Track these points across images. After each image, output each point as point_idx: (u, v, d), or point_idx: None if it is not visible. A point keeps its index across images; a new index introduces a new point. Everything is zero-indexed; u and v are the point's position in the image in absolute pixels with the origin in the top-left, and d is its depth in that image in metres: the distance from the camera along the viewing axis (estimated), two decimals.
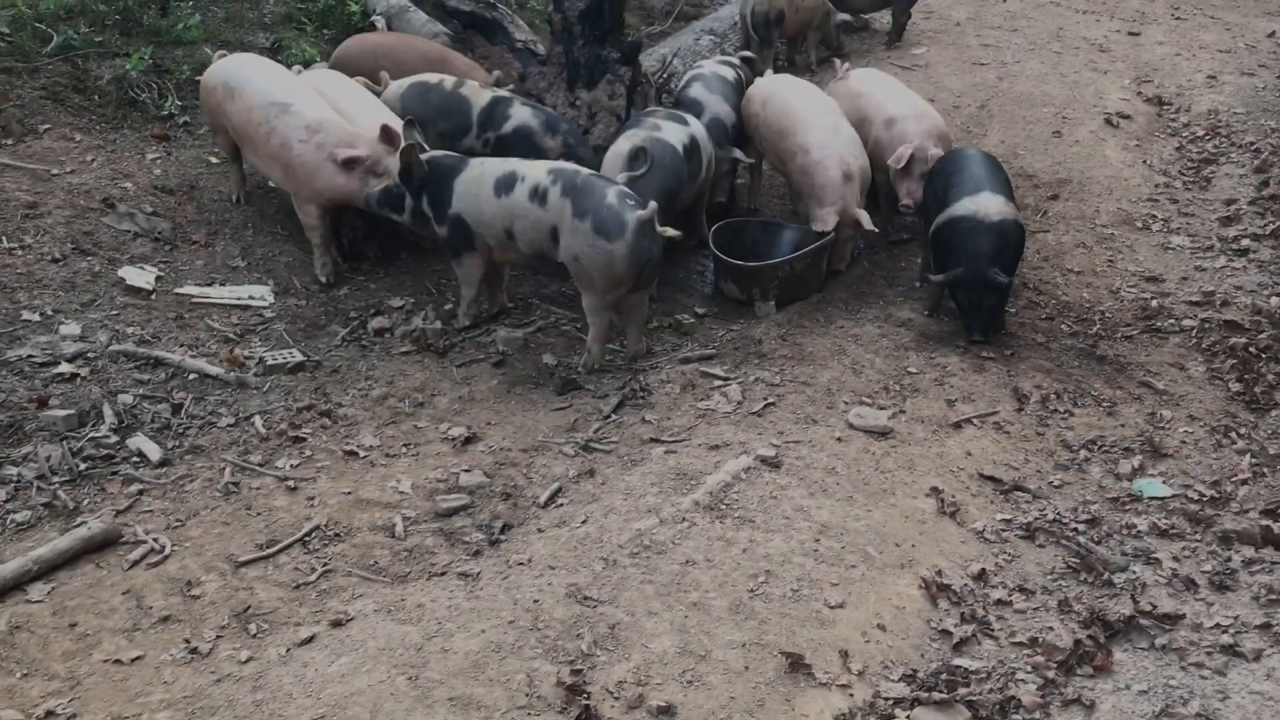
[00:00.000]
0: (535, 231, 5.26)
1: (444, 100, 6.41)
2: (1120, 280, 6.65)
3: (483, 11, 7.56)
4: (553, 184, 5.20)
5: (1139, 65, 10.07)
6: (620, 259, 5.10)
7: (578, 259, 5.15)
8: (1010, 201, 5.81)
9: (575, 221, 5.12)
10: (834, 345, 5.65)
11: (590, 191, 5.15)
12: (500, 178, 5.33)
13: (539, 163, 5.40)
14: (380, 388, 5.12)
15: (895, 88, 6.96)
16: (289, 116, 5.75)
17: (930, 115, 6.61)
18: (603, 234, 5.07)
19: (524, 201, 5.24)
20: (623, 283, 5.22)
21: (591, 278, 5.18)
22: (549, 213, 5.19)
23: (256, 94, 5.84)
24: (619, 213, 5.09)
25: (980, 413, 5.13)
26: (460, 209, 5.39)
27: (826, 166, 6.23)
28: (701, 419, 4.94)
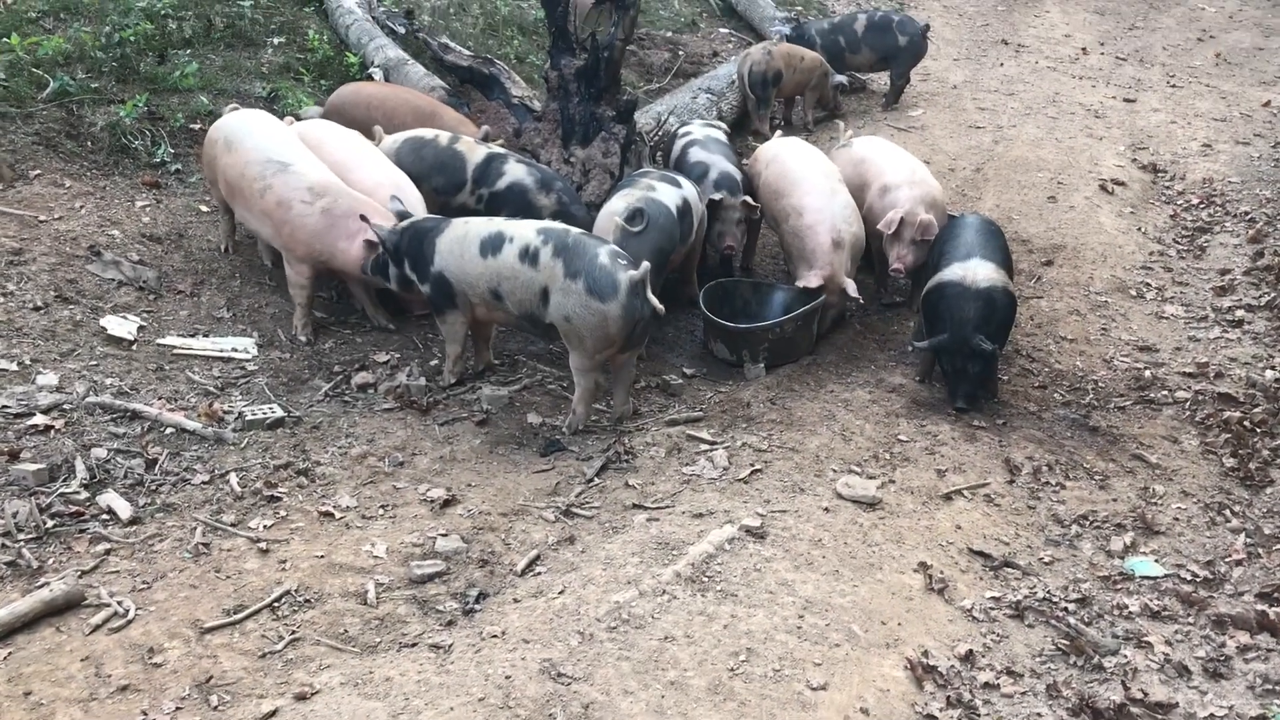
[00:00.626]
0: (525, 292, 5.17)
1: (438, 156, 6.35)
2: (1114, 349, 6.57)
3: (480, 66, 7.54)
4: (543, 244, 5.12)
5: (1134, 132, 10.07)
6: (613, 319, 5.02)
7: (569, 319, 5.06)
8: (1002, 269, 5.73)
9: (567, 282, 5.03)
10: (824, 410, 5.54)
11: (582, 251, 5.08)
12: (486, 238, 5.23)
13: (527, 222, 5.32)
14: (360, 446, 5.00)
15: (896, 154, 6.91)
16: (288, 176, 5.68)
17: (925, 182, 6.55)
18: (596, 294, 4.99)
19: (513, 262, 5.15)
20: (614, 343, 5.13)
21: (582, 338, 5.09)
22: (540, 273, 5.10)
23: (254, 150, 5.78)
24: (612, 273, 5.02)
25: (971, 484, 5.02)
26: (442, 267, 5.31)
27: (818, 231, 6.18)
28: (686, 485, 4.82)
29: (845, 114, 10.21)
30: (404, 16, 9.20)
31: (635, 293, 5.02)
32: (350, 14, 8.78)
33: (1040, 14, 14.11)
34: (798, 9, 12.78)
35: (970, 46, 12.65)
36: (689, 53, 11.50)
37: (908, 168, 6.66)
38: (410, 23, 9.13)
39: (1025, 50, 12.65)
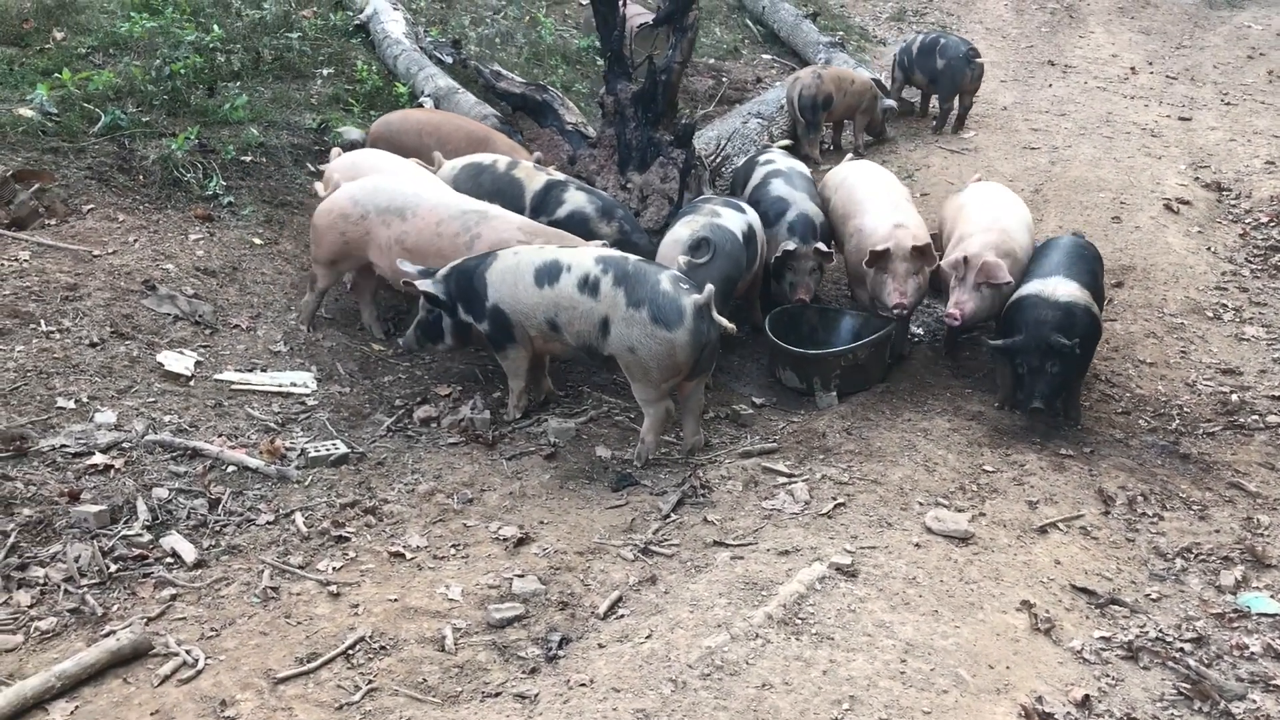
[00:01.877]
0: (584, 323, 4.98)
1: (496, 182, 6.18)
2: (1195, 373, 6.29)
3: (533, 94, 7.38)
4: (603, 273, 4.92)
5: (1193, 150, 9.79)
6: (681, 347, 4.82)
7: (634, 350, 4.86)
8: (1087, 290, 5.47)
9: (631, 311, 4.83)
10: (903, 440, 5.30)
11: (644, 279, 4.88)
12: (542, 267, 5.04)
13: (583, 250, 5.12)
14: (427, 482, 4.79)
15: (998, 205, 6.33)
16: (496, 222, 5.55)
17: (997, 229, 6.01)
18: (662, 322, 4.79)
19: (572, 292, 4.95)
20: (681, 371, 4.93)
21: (648, 368, 4.89)
22: (601, 303, 4.90)
23: (441, 206, 5.61)
24: (676, 299, 4.82)
25: (1065, 516, 4.76)
26: (497, 299, 5.12)
27: (876, 227, 5.98)
28: (767, 520, 4.58)
29: (894, 138, 10.00)
30: (451, 46, 9.09)
31: (701, 317, 4.83)
32: (398, 44, 8.68)
33: (1085, 35, 13.86)
34: (840, 34, 12.60)
35: (1017, 68, 12.41)
36: (733, 79, 11.34)
37: (987, 218, 6.16)
38: (458, 52, 9.01)
39: (1073, 71, 12.39)
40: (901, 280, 5.78)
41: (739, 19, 12.75)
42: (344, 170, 6.15)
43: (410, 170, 6.06)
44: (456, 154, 6.45)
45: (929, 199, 8.53)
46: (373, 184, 5.73)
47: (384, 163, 6.13)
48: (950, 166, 9.21)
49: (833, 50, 11.47)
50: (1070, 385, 5.58)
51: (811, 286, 6.18)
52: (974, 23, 14.04)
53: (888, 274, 5.80)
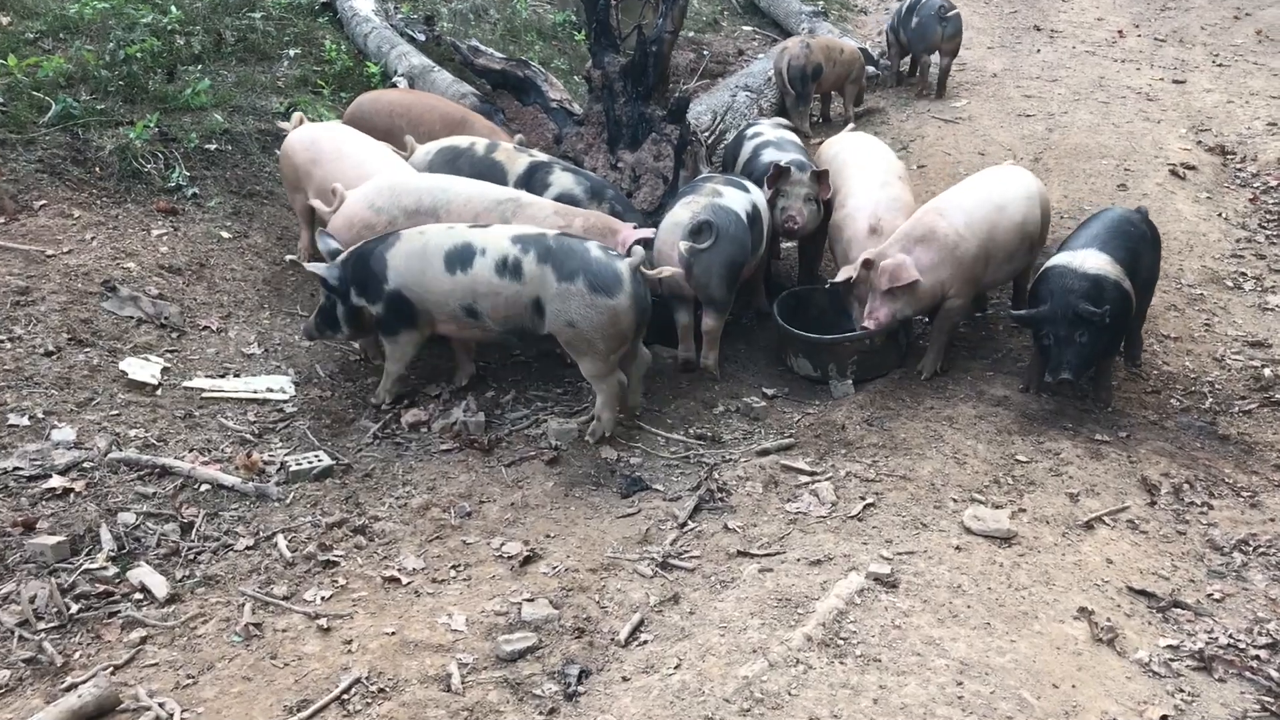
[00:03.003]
0: (511, 307, 4.62)
1: (475, 166, 5.71)
2: (1223, 346, 5.92)
3: (514, 70, 6.90)
4: (524, 253, 4.57)
5: (1192, 114, 9.42)
6: (624, 312, 4.56)
7: (574, 324, 4.54)
8: (1119, 265, 5.06)
9: (565, 285, 4.51)
10: (928, 430, 4.90)
11: (571, 252, 4.57)
12: (452, 251, 4.63)
13: (496, 230, 4.72)
14: (421, 495, 4.35)
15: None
16: (532, 209, 5.14)
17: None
18: (601, 290, 4.51)
19: (490, 276, 4.58)
20: (626, 338, 4.65)
21: (591, 340, 4.57)
22: (527, 285, 4.56)
23: (474, 198, 5.16)
24: (611, 265, 4.56)
25: (1110, 509, 4.37)
26: (400, 284, 4.70)
27: (856, 219, 5.59)
28: (793, 525, 4.18)
29: (884, 109, 9.58)
30: (424, 23, 8.58)
31: (637, 280, 4.60)
32: (367, 22, 8.16)
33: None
34: (821, 2, 12.15)
35: (1003, 34, 12.00)
36: (714, 52, 10.89)
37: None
38: (431, 29, 8.51)
39: (1060, 35, 11.99)
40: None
41: None
42: (303, 145, 5.67)
43: (374, 147, 5.60)
44: (430, 137, 5.97)
45: (926, 171, 8.13)
46: (389, 185, 5.24)
47: (346, 139, 5.65)
48: (945, 137, 8.80)
49: (815, 19, 11.05)
50: (1100, 362, 5.20)
51: (805, 215, 5.78)
52: None
53: (854, 298, 5.46)
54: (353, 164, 5.47)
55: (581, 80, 8.12)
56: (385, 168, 5.46)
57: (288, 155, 5.73)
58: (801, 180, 5.77)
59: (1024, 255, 5.71)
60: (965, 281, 5.35)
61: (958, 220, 5.29)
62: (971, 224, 5.30)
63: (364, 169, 5.41)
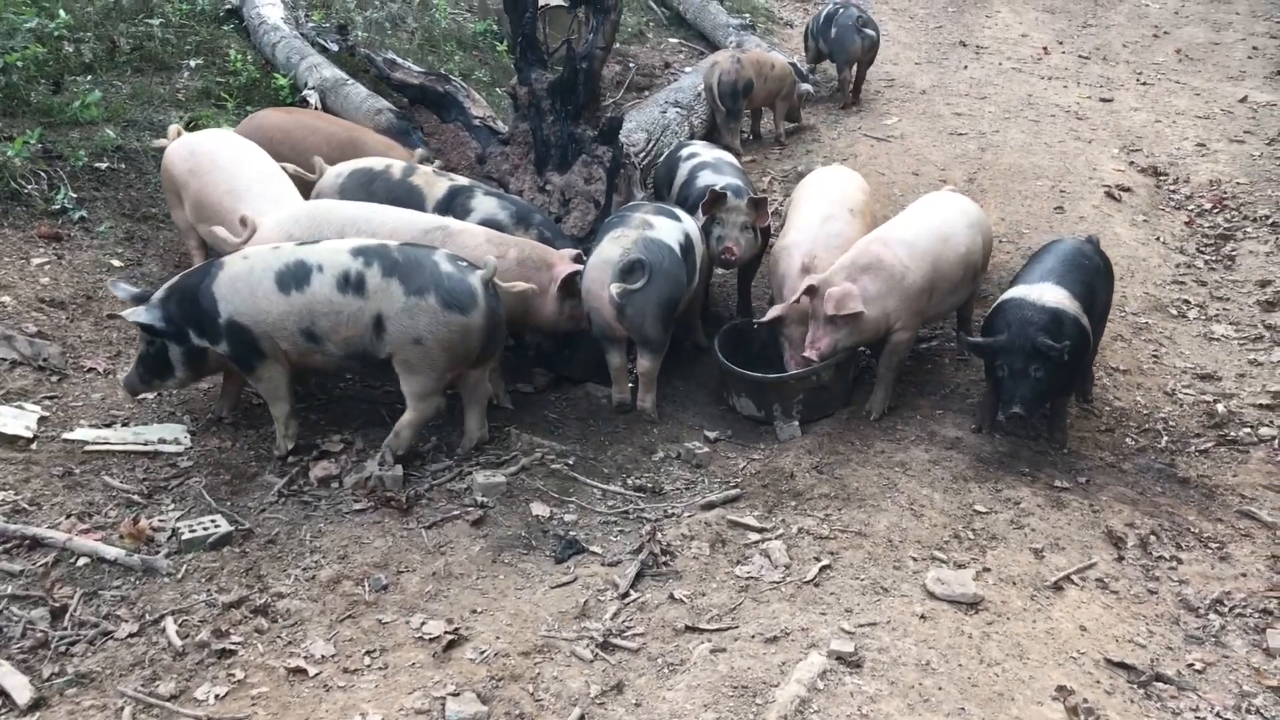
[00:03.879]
0: (353, 327, 4.22)
1: (391, 191, 5.24)
2: (1173, 379, 5.69)
3: (433, 85, 6.42)
4: (366, 266, 4.18)
5: (1122, 133, 9.28)
6: (476, 329, 4.24)
7: (420, 341, 4.18)
8: (1078, 301, 4.78)
9: (414, 300, 4.15)
10: (881, 478, 4.55)
11: (420, 263, 4.21)
12: (284, 270, 4.21)
13: (332, 244, 4.31)
14: (331, 564, 3.87)
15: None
16: (463, 236, 4.79)
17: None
18: (455, 306, 4.18)
19: (330, 294, 4.18)
20: (471, 356, 4.33)
21: (435, 358, 4.23)
22: (371, 300, 4.17)
23: (399, 223, 4.77)
24: (464, 279, 4.23)
25: (1077, 567, 4.06)
26: (232, 312, 4.25)
27: (791, 254, 5.25)
28: (745, 592, 3.79)
29: (815, 126, 9.28)
30: (337, 32, 8.04)
31: (491, 294, 4.27)
32: (276, 31, 7.60)
33: (991, 14, 13.33)
34: (746, 15, 11.84)
35: (929, 49, 11.80)
36: (640, 65, 10.50)
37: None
38: (345, 39, 7.97)
39: (985, 51, 11.83)
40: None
41: (641, 0, 11.88)
42: (180, 156, 5.18)
43: (260, 162, 5.14)
44: (310, 159, 5.47)
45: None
46: (308, 214, 4.77)
47: (227, 149, 5.16)
48: (878, 156, 8.52)
49: (743, 33, 10.72)
50: (1055, 401, 4.92)
51: (742, 245, 5.42)
52: (880, 2, 13.39)
53: (785, 339, 5.16)
54: (226, 177, 5.01)
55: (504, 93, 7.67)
56: (268, 184, 5.00)
57: (166, 167, 5.27)
58: (738, 207, 5.42)
59: (967, 285, 5.43)
60: (912, 313, 5.04)
61: (902, 251, 4.99)
62: (916, 255, 5.01)
63: (237, 184, 4.97)
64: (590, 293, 4.85)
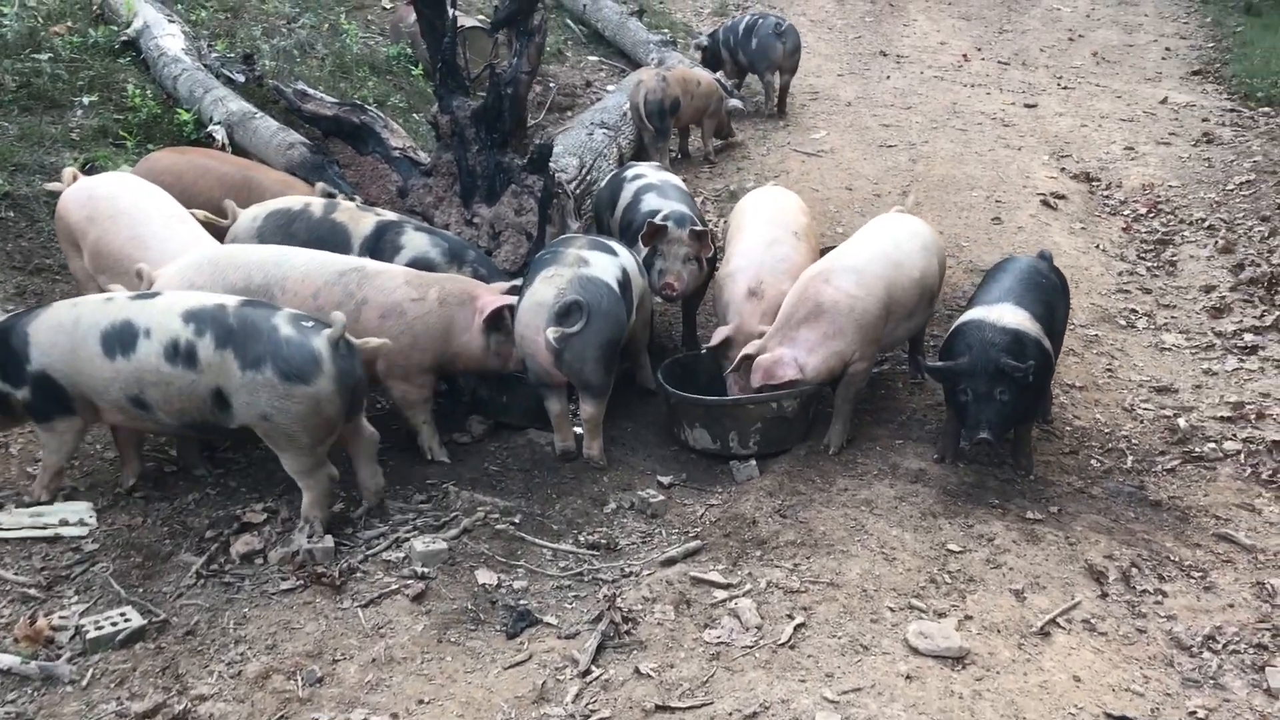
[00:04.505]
0: (186, 400, 3.83)
1: (314, 230, 4.86)
2: (1130, 394, 5.52)
3: (348, 115, 6.02)
4: (197, 335, 3.78)
5: (1050, 139, 9.21)
6: (328, 399, 3.82)
7: (269, 418, 3.79)
8: (1039, 323, 4.56)
9: (251, 375, 3.75)
10: (847, 519, 4.27)
11: (256, 330, 3.79)
12: (110, 331, 3.82)
13: (162, 302, 3.89)
14: (259, 656, 3.46)
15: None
16: (380, 279, 4.44)
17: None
18: (296, 378, 3.75)
19: (158, 364, 3.78)
20: (335, 425, 3.92)
21: (293, 435, 3.83)
22: (204, 374, 3.78)
23: (312, 268, 4.42)
24: (305, 344, 3.80)
25: (1061, 608, 3.81)
26: (45, 364, 3.87)
27: (735, 280, 5.01)
28: (716, 660, 3.46)
29: (744, 143, 9.05)
30: (243, 62, 7.58)
31: (341, 354, 3.84)
32: (177, 63, 7.11)
33: (908, 23, 13.28)
34: (665, 31, 11.59)
35: (850, 60, 11.67)
36: (560, 85, 10.18)
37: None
38: (251, 69, 7.52)
39: (906, 61, 11.74)
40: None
41: (558, 19, 11.55)
42: (77, 202, 4.76)
43: (165, 207, 4.74)
44: (209, 204, 5.07)
45: None
46: (210, 260, 4.38)
47: (128, 194, 4.74)
48: (810, 171, 8.31)
49: (664, 49, 10.45)
50: (1019, 426, 4.69)
51: (685, 279, 5.15)
52: (797, 14, 13.18)
53: (728, 362, 4.91)
54: (128, 224, 4.61)
55: (424, 121, 7.30)
56: (174, 230, 4.60)
57: (61, 213, 4.87)
58: (680, 239, 5.13)
59: (924, 310, 5.20)
60: (867, 343, 4.80)
61: (847, 282, 4.73)
62: (865, 282, 4.76)
63: (141, 231, 4.58)
64: (524, 338, 4.50)
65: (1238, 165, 8.33)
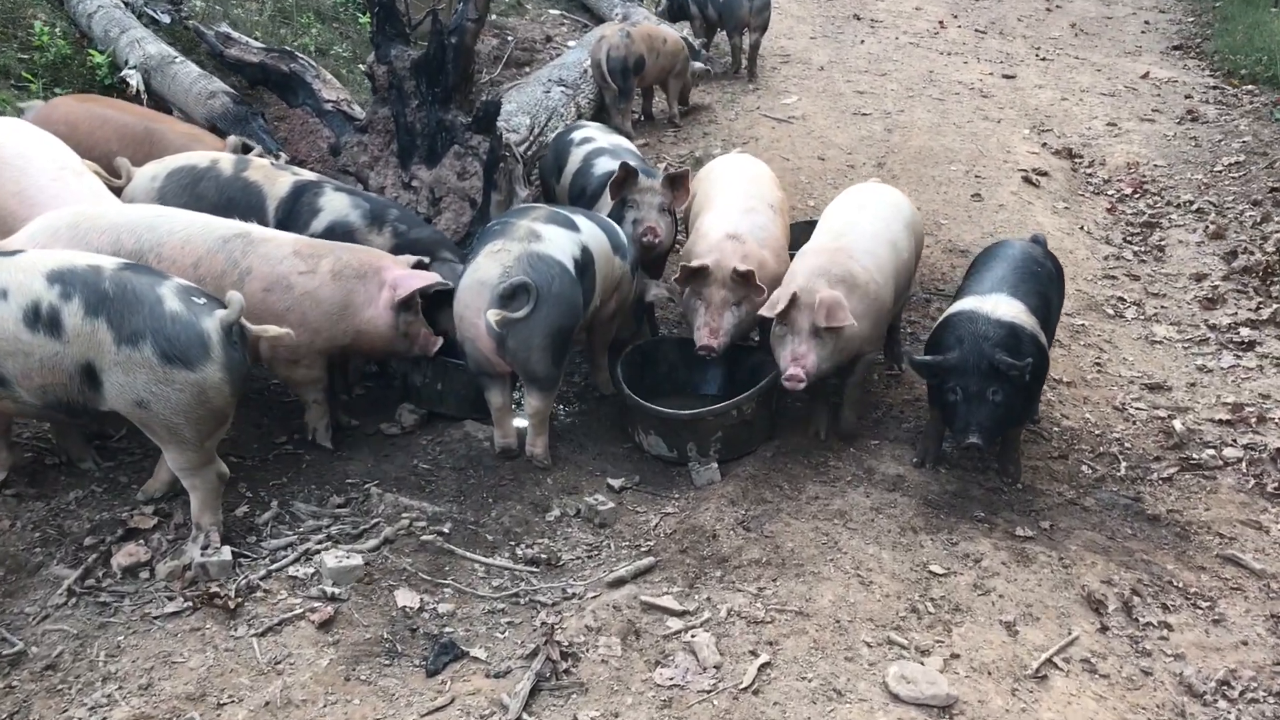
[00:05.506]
0: (49, 374, 3.23)
1: (223, 190, 4.26)
2: (1120, 391, 5.05)
3: (276, 62, 5.38)
4: (64, 299, 3.17)
5: (1030, 112, 8.71)
6: (215, 388, 3.26)
7: (145, 405, 3.21)
8: (1034, 316, 4.07)
9: (127, 351, 3.17)
10: (818, 534, 3.77)
11: (137, 300, 3.21)
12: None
13: (25, 260, 3.26)
14: (130, 698, 2.90)
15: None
16: (266, 247, 3.83)
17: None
18: (179, 360, 3.19)
19: (16, 330, 3.17)
20: (225, 418, 3.36)
21: (174, 426, 3.26)
22: (71, 344, 3.19)
23: (192, 231, 3.79)
24: (194, 323, 3.23)
25: (1058, 645, 3.33)
26: None
27: (711, 230, 4.44)
28: (668, 709, 2.96)
29: (711, 106, 8.46)
30: (169, 2, 6.87)
31: (232, 340, 3.28)
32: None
33: None
34: None
35: (823, 23, 11.09)
36: (519, 39, 9.53)
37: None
38: (178, 9, 6.81)
39: (881, 25, 11.18)
40: (717, 311, 4.22)
41: None
42: None
43: (55, 157, 4.09)
44: (106, 158, 4.45)
45: None
46: (70, 222, 3.72)
47: (15, 141, 4.11)
48: (781, 139, 7.75)
49: (630, 5, 9.83)
50: (1009, 430, 4.20)
51: (662, 228, 4.60)
52: None
53: (700, 300, 4.25)
54: (13, 176, 4.01)
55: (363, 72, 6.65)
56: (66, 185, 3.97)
57: None
58: (652, 187, 4.59)
59: (904, 296, 4.70)
60: (880, 334, 4.39)
61: (870, 264, 4.23)
62: (880, 267, 4.27)
63: (26, 184, 3.98)
64: (464, 320, 3.94)
65: (1226, 145, 7.88)
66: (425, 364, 4.30)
